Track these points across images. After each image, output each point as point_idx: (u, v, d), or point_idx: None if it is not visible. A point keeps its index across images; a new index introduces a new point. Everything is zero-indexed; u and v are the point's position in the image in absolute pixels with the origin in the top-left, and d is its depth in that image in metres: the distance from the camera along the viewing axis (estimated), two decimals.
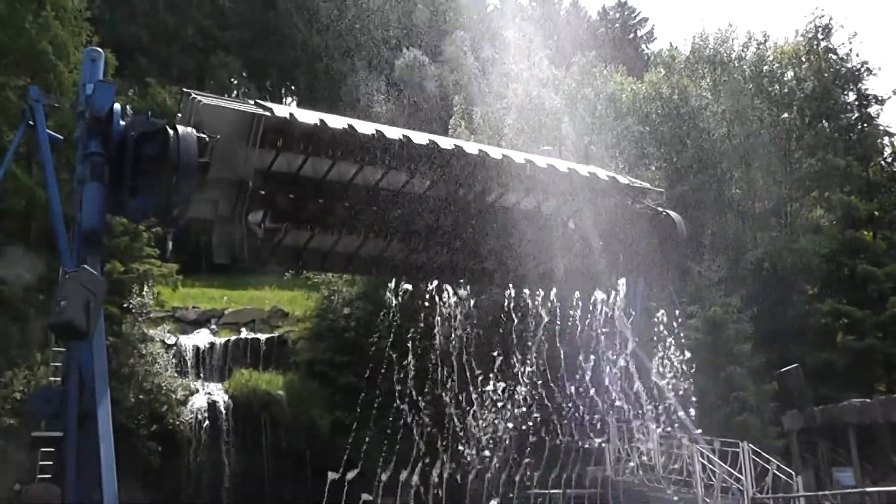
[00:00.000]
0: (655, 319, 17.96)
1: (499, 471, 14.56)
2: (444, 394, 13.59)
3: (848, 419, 19.05)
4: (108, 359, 14.50)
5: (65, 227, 14.68)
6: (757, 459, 18.21)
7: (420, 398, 13.41)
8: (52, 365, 18.24)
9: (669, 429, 19.17)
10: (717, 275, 25.32)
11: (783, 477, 18.37)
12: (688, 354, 22.47)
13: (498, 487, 15.59)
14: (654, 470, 18.87)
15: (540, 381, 14.60)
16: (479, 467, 14.52)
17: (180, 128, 12.70)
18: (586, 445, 16.00)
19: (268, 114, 13.46)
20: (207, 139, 12.74)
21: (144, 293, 25.05)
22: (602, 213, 16.76)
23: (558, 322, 14.69)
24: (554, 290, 15.86)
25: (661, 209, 18.08)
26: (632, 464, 18.75)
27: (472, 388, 13.97)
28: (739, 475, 17.65)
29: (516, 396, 14.17)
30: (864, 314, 23.91)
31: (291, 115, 14.02)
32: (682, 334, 23.19)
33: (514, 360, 14.35)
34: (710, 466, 17.75)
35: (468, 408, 13.86)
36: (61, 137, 14.58)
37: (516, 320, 14.29)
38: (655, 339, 17.05)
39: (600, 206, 16.80)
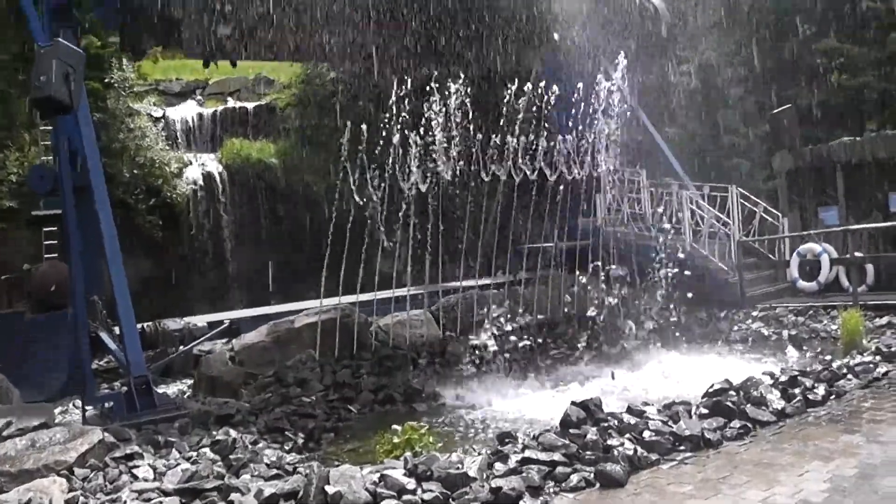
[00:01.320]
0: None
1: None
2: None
3: (836, 158, 19.24)
4: (98, 135, 14.40)
5: (32, 2, 14.10)
6: (745, 203, 18.57)
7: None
8: (41, 144, 18.20)
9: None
10: (712, 18, 24.63)
11: (769, 219, 18.83)
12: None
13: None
14: (644, 218, 19.26)
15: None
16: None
17: None
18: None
19: None
20: None
21: (125, 67, 24.39)
22: None
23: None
24: None
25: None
26: (623, 213, 19.16)
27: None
28: (727, 219, 18.07)
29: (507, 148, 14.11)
30: (862, 52, 23.46)
31: None
32: (673, 79, 22.97)
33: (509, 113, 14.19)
34: (699, 212, 18.12)
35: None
36: None
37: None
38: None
39: None
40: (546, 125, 14.47)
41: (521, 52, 18.59)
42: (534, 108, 13.89)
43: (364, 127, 12.97)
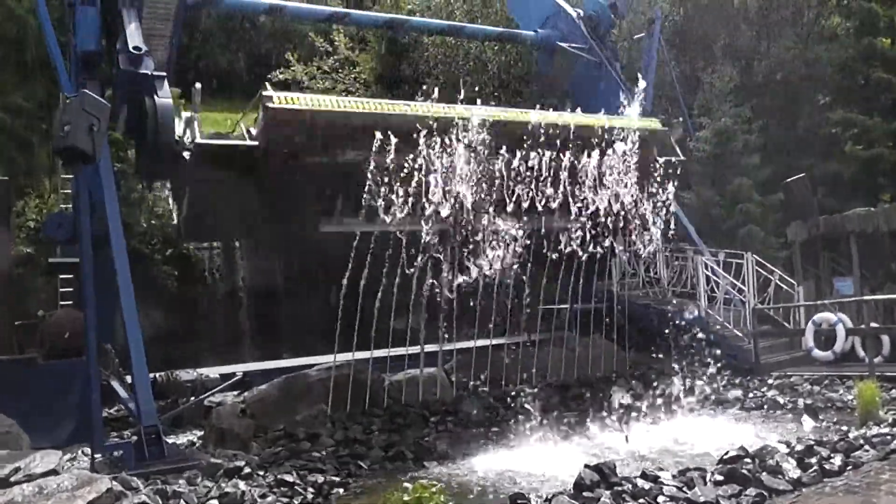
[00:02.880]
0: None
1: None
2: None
3: (850, 228, 19.25)
4: (117, 184, 14.57)
5: (61, 53, 14.46)
6: (760, 270, 18.56)
7: None
8: (61, 192, 18.45)
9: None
10: (728, 86, 24.89)
11: (785, 287, 18.79)
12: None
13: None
14: (659, 283, 19.28)
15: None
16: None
17: None
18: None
19: None
20: None
21: None
22: None
23: None
24: None
25: None
26: (638, 277, 19.19)
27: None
28: (742, 286, 18.05)
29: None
30: (875, 122, 23.61)
31: None
32: (690, 146, 23.17)
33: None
34: (714, 278, 18.12)
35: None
36: None
37: None
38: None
39: None
40: None
41: None
42: None
43: None
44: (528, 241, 14.22)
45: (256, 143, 14.85)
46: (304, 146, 14.53)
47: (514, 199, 14.16)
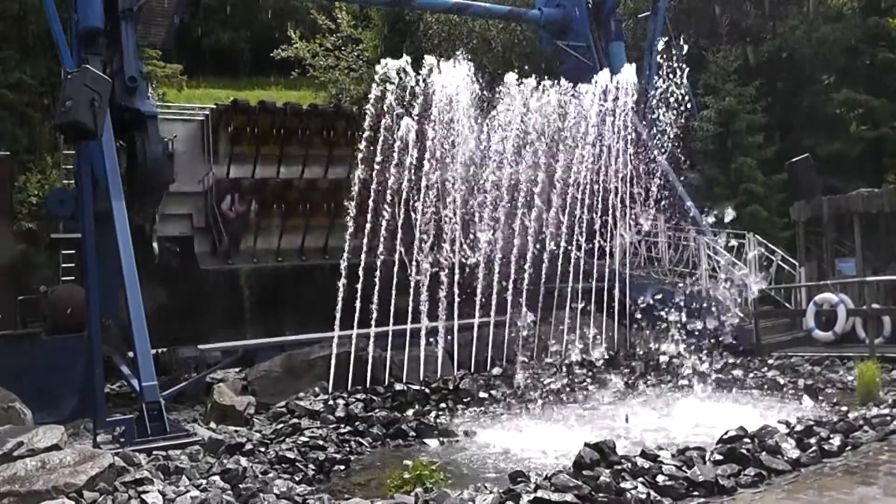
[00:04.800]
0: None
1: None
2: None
3: (854, 209, 19.18)
4: (119, 161, 14.58)
5: (62, 29, 14.41)
6: (762, 251, 18.53)
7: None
8: (63, 167, 18.43)
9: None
10: (733, 65, 24.77)
11: (787, 268, 18.77)
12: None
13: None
14: (660, 262, 19.26)
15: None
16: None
17: None
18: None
19: None
20: None
21: (150, 94, 24.68)
22: None
23: None
24: None
25: None
26: (640, 256, 19.17)
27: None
28: (745, 266, 18.02)
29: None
30: (880, 103, 23.50)
31: None
32: (695, 125, 23.10)
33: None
34: (716, 258, 18.10)
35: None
36: None
37: None
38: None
39: None
40: None
41: None
42: None
43: None
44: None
45: None
46: None
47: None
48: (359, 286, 13.38)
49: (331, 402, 12.26)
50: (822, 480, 7.60)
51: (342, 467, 9.72)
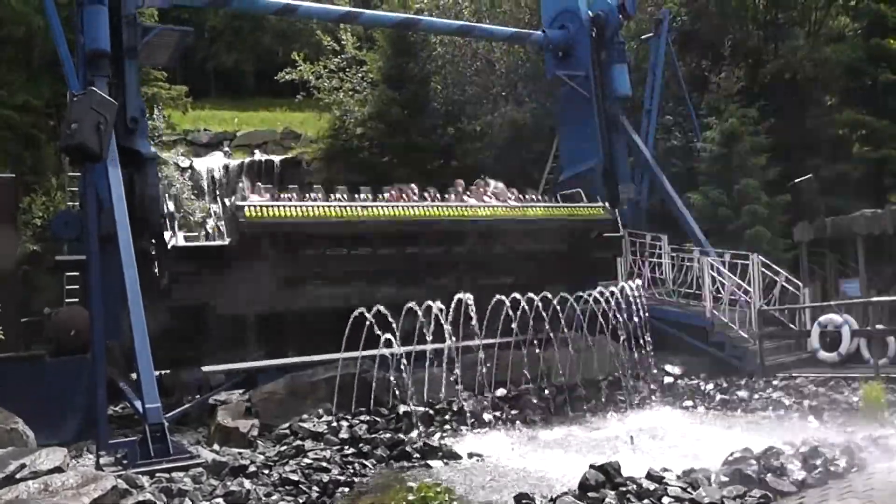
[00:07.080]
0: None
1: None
2: None
3: (857, 230, 19.17)
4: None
5: (69, 51, 14.51)
6: (766, 271, 18.50)
7: None
8: (68, 189, 18.50)
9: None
10: (736, 86, 24.83)
11: (791, 289, 18.73)
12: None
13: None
14: (664, 283, 19.25)
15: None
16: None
17: None
18: None
19: None
20: None
21: (155, 116, 24.85)
22: None
23: None
24: None
25: None
26: (644, 277, 19.15)
27: None
28: (748, 287, 18.00)
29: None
30: (883, 124, 23.54)
31: None
32: (697, 146, 23.17)
33: None
34: (720, 279, 18.09)
35: None
36: None
37: None
38: None
39: None
40: None
41: None
42: None
43: None
44: None
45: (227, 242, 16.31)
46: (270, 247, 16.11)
47: None
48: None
49: (334, 424, 12.25)
50: (828, 502, 7.55)
51: (346, 489, 9.68)
